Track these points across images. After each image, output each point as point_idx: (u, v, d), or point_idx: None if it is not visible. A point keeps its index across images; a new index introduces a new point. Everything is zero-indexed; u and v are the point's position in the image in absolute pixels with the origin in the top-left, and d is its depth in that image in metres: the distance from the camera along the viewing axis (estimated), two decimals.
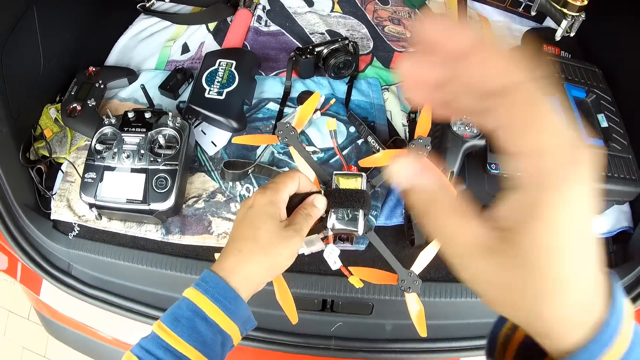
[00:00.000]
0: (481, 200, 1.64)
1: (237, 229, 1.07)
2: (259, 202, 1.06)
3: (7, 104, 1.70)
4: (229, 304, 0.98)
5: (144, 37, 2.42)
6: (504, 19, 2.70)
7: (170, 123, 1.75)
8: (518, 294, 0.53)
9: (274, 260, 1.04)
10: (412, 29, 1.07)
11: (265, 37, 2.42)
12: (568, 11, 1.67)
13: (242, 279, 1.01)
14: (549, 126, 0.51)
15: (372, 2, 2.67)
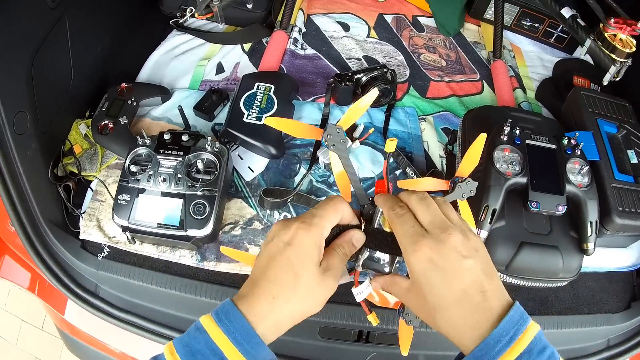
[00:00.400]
0: (519, 237, 1.63)
1: (271, 267, 0.98)
2: (302, 242, 0.98)
3: (36, 118, 1.66)
4: (251, 349, 0.90)
5: (177, 54, 2.39)
6: (536, 49, 2.72)
7: (209, 147, 1.72)
8: (427, 318, 0.97)
9: (309, 308, 0.99)
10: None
11: (302, 60, 2.40)
12: (617, 57, 1.66)
13: (271, 326, 0.95)
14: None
15: (407, 28, 2.67)
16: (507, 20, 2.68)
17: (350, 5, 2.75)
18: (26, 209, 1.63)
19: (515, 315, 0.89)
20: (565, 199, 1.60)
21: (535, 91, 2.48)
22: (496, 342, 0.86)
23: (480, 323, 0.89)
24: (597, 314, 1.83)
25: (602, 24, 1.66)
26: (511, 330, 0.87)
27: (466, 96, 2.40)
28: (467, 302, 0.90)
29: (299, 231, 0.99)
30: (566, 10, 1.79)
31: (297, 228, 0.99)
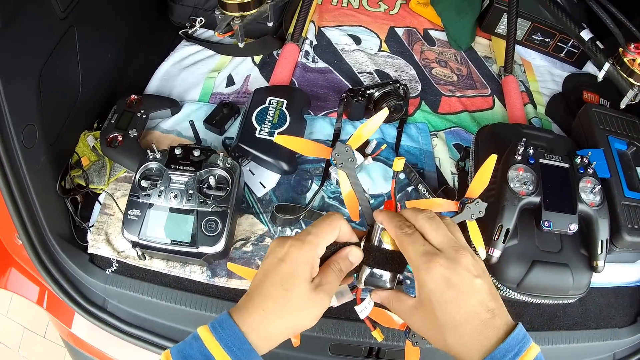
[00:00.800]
0: (531, 255, 1.64)
1: (264, 282, 1.00)
2: (294, 259, 1.00)
3: (45, 131, 1.65)
4: (242, 356, 0.94)
5: (186, 65, 2.39)
6: (547, 64, 2.73)
7: (221, 163, 1.71)
8: (435, 336, 0.98)
9: (300, 323, 1.01)
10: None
11: (313, 74, 2.39)
12: (635, 81, 1.66)
13: (263, 337, 0.97)
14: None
15: (419, 42, 2.67)
16: (519, 35, 2.69)
17: (362, 17, 2.76)
18: (34, 222, 1.62)
19: (519, 334, 0.92)
20: (577, 218, 1.60)
21: (546, 107, 2.48)
22: (502, 357, 0.90)
23: (488, 339, 0.92)
24: (604, 328, 1.84)
25: (622, 49, 1.66)
26: (516, 347, 0.91)
27: (477, 112, 2.40)
28: (477, 319, 0.93)
29: (292, 249, 1.01)
30: (585, 32, 1.79)
31: (290, 245, 1.02)
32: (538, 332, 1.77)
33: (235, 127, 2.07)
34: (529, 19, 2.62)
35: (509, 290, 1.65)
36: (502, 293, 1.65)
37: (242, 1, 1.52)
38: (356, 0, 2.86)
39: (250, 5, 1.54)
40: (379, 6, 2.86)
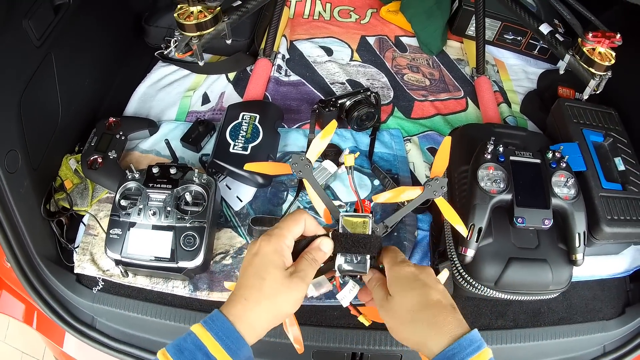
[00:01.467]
0: (507, 253, 1.65)
1: (243, 276, 1.10)
2: (264, 250, 1.10)
3: (27, 156, 1.69)
4: (232, 344, 1.01)
5: (163, 85, 2.42)
6: (520, 62, 2.76)
7: (197, 179, 1.74)
8: (403, 322, 1.08)
9: (279, 308, 1.08)
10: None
11: (286, 87, 2.42)
12: (596, 71, 1.68)
13: (248, 325, 1.05)
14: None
15: (390, 49, 2.70)
16: (490, 35, 2.71)
17: (333, 29, 2.79)
18: (21, 246, 1.65)
19: (478, 333, 1.02)
20: (551, 213, 1.62)
21: (521, 105, 2.51)
22: (468, 345, 0.98)
23: (451, 327, 1.02)
24: (591, 322, 1.84)
25: (581, 39, 1.68)
26: (478, 341, 1.00)
27: (451, 114, 2.43)
28: (443, 309, 1.05)
29: (262, 243, 1.11)
30: (544, 26, 1.81)
31: (260, 241, 1.12)
32: (523, 330, 1.78)
33: (211, 143, 2.09)
34: (498, 19, 2.65)
35: (486, 289, 1.66)
36: (480, 292, 1.67)
37: (198, 21, 1.55)
38: (327, 12, 2.90)
39: (207, 25, 1.57)
40: (350, 16, 2.89)
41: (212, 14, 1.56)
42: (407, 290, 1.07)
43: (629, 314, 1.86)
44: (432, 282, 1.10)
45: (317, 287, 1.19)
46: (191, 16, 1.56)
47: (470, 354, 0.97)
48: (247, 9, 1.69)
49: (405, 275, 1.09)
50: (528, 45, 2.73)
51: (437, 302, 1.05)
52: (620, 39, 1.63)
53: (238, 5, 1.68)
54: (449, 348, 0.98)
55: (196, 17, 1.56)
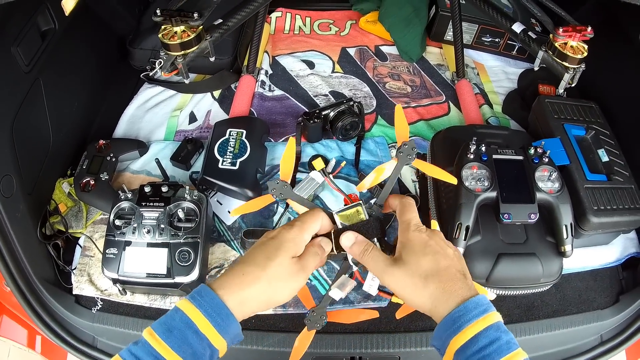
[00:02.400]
0: (496, 249, 1.69)
1: (251, 253, 1.09)
2: (282, 237, 1.09)
3: (22, 180, 1.72)
4: (221, 321, 1.00)
5: (150, 106, 2.45)
6: (500, 63, 2.79)
7: (188, 196, 1.77)
8: (409, 288, 1.06)
9: (275, 293, 1.07)
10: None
11: (271, 102, 2.46)
12: (569, 64, 1.71)
13: (238, 302, 1.02)
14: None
15: (371, 59, 2.74)
16: (468, 39, 2.76)
17: (313, 42, 2.83)
18: (19, 269, 1.67)
19: (486, 298, 1.03)
20: (536, 207, 1.65)
21: (502, 105, 2.54)
22: (474, 308, 0.99)
23: (461, 291, 1.02)
24: (586, 312, 1.86)
25: (552, 35, 1.70)
26: (485, 304, 1.01)
27: (434, 119, 2.46)
28: (451, 273, 1.05)
29: (282, 230, 1.11)
30: (517, 25, 1.84)
31: (281, 228, 1.12)
32: (517, 324, 1.80)
33: (200, 161, 2.13)
34: (475, 22, 2.69)
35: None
36: None
37: (182, 40, 1.58)
38: (307, 26, 2.94)
39: (191, 44, 1.60)
40: (330, 29, 2.94)
41: (195, 33, 1.59)
42: (420, 256, 1.07)
43: (623, 301, 1.88)
44: (443, 247, 1.10)
45: (342, 287, 1.19)
46: (175, 36, 1.59)
47: (476, 317, 0.98)
48: (229, 27, 1.72)
49: (418, 242, 1.09)
50: (506, 46, 2.76)
51: (447, 269, 1.05)
52: (592, 31, 1.65)
53: (219, 23, 1.71)
54: (455, 310, 0.99)
55: (180, 36, 1.59)
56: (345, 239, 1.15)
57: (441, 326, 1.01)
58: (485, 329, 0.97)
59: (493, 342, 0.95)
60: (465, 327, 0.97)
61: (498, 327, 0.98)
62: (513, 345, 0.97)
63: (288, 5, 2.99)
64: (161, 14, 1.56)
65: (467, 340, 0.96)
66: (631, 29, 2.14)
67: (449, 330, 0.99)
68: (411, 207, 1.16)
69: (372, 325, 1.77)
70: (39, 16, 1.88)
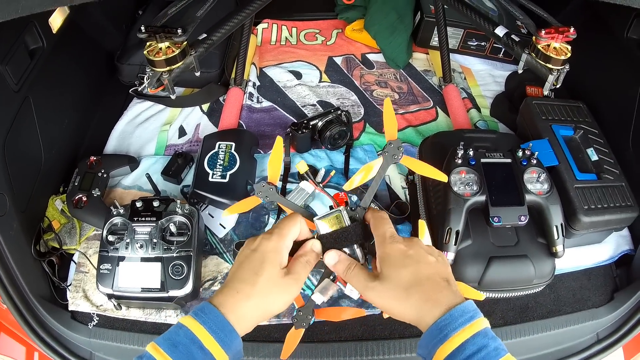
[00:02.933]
0: (487, 253, 1.70)
1: (238, 269, 1.09)
2: (264, 248, 1.09)
3: (15, 198, 1.73)
4: (225, 337, 1.00)
5: (140, 121, 2.46)
6: (486, 67, 2.81)
7: (179, 210, 1.78)
8: (392, 301, 1.05)
9: (270, 306, 1.07)
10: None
11: (259, 113, 2.47)
12: (553, 66, 1.71)
13: (238, 318, 1.03)
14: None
15: (358, 67, 2.75)
16: (454, 44, 2.77)
17: (300, 52, 2.85)
18: (15, 287, 1.68)
19: (473, 304, 1.01)
20: (526, 209, 1.66)
21: (490, 108, 2.55)
22: (459, 316, 0.97)
23: (445, 299, 1.01)
24: (580, 311, 1.87)
25: (535, 37, 1.71)
26: (471, 311, 0.99)
27: (422, 125, 2.47)
28: (433, 282, 1.04)
29: (263, 241, 1.10)
30: (500, 29, 1.84)
31: (261, 239, 1.11)
32: (512, 326, 1.81)
33: (191, 174, 2.14)
34: (461, 27, 2.70)
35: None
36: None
37: (167, 57, 1.58)
38: (294, 37, 2.96)
39: (176, 59, 1.60)
40: (316, 39, 2.95)
41: (179, 49, 1.59)
42: (400, 268, 1.05)
43: (618, 299, 1.89)
44: (423, 255, 1.08)
45: (324, 292, 1.19)
46: (160, 52, 1.59)
47: (463, 324, 0.96)
48: (213, 41, 1.72)
49: (396, 254, 1.07)
50: (492, 50, 2.78)
51: (430, 278, 1.04)
52: (575, 32, 1.66)
53: (204, 38, 1.71)
54: (441, 319, 0.98)
55: (165, 52, 1.59)
56: (328, 257, 1.16)
57: (427, 335, 1.00)
58: (473, 336, 0.96)
59: (481, 350, 0.94)
60: (451, 336, 0.96)
61: (485, 333, 0.97)
62: (502, 351, 0.96)
63: (274, 16, 3.01)
64: (146, 31, 1.57)
65: (454, 349, 0.96)
66: (616, 27, 2.16)
67: (435, 339, 0.98)
68: (384, 220, 1.15)
69: (366, 332, 1.78)
70: (27, 34, 1.90)
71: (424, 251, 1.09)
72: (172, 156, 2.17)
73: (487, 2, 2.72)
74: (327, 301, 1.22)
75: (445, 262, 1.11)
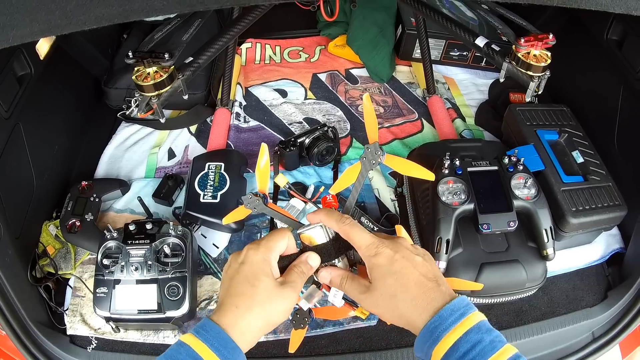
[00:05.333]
0: (478, 259, 1.72)
1: (231, 285, 1.06)
2: (252, 259, 1.07)
3: (8, 225, 1.73)
4: (228, 354, 0.97)
5: (129, 145, 2.47)
6: (469, 76, 2.84)
7: (173, 232, 1.80)
8: (386, 308, 1.05)
9: (271, 316, 1.05)
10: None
11: (247, 133, 2.49)
12: (533, 73, 1.73)
13: (240, 333, 1.01)
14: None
15: (342, 83, 2.78)
16: (436, 55, 2.80)
17: (285, 70, 2.87)
18: (13, 313, 1.68)
19: (464, 300, 1.00)
20: (514, 215, 1.69)
21: (475, 117, 2.58)
22: (449, 315, 0.96)
23: (434, 301, 1.00)
24: (575, 311, 1.89)
25: (515, 46, 1.73)
26: (462, 308, 0.98)
27: (408, 137, 2.50)
28: (422, 286, 1.02)
29: (249, 251, 1.09)
30: (480, 39, 1.85)
31: (247, 249, 1.10)
32: (507, 330, 1.82)
33: (182, 196, 2.16)
34: (442, 38, 2.74)
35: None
36: None
37: (155, 81, 1.59)
38: (277, 55, 2.98)
39: (164, 84, 1.61)
40: (299, 56, 2.98)
41: (167, 73, 1.60)
42: (386, 277, 1.04)
43: (612, 297, 1.91)
44: (409, 258, 1.06)
45: (309, 298, 1.20)
46: (148, 77, 1.61)
47: (453, 323, 0.95)
48: (199, 64, 1.74)
49: (381, 262, 1.05)
50: (475, 59, 2.81)
51: (417, 281, 1.02)
52: (554, 38, 1.67)
53: (190, 61, 1.72)
54: (431, 321, 0.97)
55: (153, 77, 1.60)
56: (322, 277, 1.17)
57: (420, 339, 1.00)
58: (465, 333, 0.95)
59: (475, 346, 0.93)
60: (443, 336, 0.95)
61: (479, 328, 0.96)
62: (498, 343, 0.94)
63: (257, 35, 3.03)
64: (133, 56, 1.59)
65: (447, 349, 0.95)
66: (596, 30, 2.20)
67: (428, 342, 0.97)
68: (353, 230, 1.10)
69: (364, 344, 1.79)
70: (15, 61, 1.92)
71: (410, 252, 1.07)
72: (163, 178, 2.19)
73: (468, 12, 2.75)
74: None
75: (431, 259, 1.10)
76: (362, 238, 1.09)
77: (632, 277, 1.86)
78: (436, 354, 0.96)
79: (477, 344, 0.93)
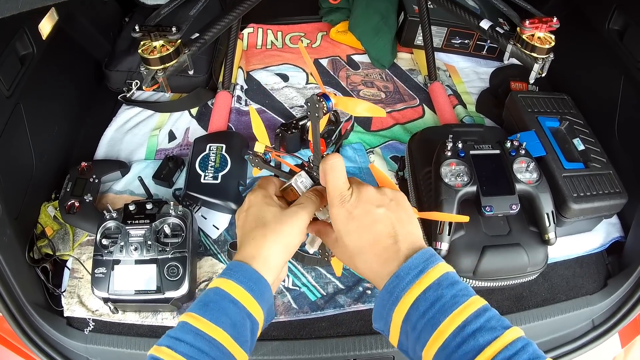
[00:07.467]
0: (480, 242, 1.71)
1: (244, 226, 1.10)
2: (255, 200, 1.12)
3: (6, 205, 1.72)
4: (254, 286, 1.00)
5: (129, 127, 2.46)
6: (470, 64, 2.83)
7: (173, 212, 1.79)
8: (349, 263, 1.06)
9: (286, 239, 1.06)
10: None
11: (248, 116, 2.48)
12: (537, 55, 1.73)
13: (262, 261, 1.03)
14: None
15: (343, 68, 2.77)
16: (438, 42, 2.80)
17: (286, 56, 2.86)
18: (10, 294, 1.67)
19: (424, 254, 0.95)
20: (517, 198, 1.68)
21: (475, 104, 2.58)
22: (405, 274, 0.92)
23: (389, 262, 0.96)
24: (575, 298, 1.89)
25: (519, 28, 1.72)
26: (420, 265, 0.92)
27: (409, 122, 2.50)
28: (379, 245, 0.98)
29: (249, 197, 1.14)
30: (484, 22, 1.85)
31: (248, 196, 1.15)
32: (508, 315, 1.81)
33: (182, 178, 2.15)
34: (444, 25, 2.73)
35: (466, 280, 1.71)
36: None
37: (162, 55, 1.59)
38: (279, 40, 2.97)
39: (170, 57, 1.61)
40: (301, 42, 2.97)
41: (173, 47, 1.60)
42: (343, 235, 1.02)
43: (611, 285, 1.91)
44: (370, 212, 1.00)
45: (312, 243, 1.22)
46: (154, 50, 1.60)
47: (412, 282, 0.92)
48: (205, 40, 1.73)
49: (342, 217, 1.01)
50: (476, 47, 2.80)
51: (377, 237, 0.98)
52: (558, 21, 1.67)
53: (196, 37, 1.72)
54: (388, 282, 0.94)
55: (159, 51, 1.60)
56: (308, 244, 1.23)
57: (379, 303, 0.97)
58: (424, 291, 0.90)
59: (434, 303, 0.88)
60: (402, 296, 0.91)
61: (439, 284, 0.91)
62: (461, 297, 0.89)
63: (259, 20, 3.02)
64: (140, 30, 1.58)
65: (407, 310, 0.91)
66: (597, 20, 2.19)
67: (387, 305, 0.94)
68: (333, 173, 1.05)
69: (364, 328, 1.79)
70: (18, 41, 1.91)
71: (371, 205, 1.01)
72: (163, 160, 2.18)
73: (469, 0, 2.74)
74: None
75: (398, 205, 1.03)
76: (334, 185, 1.05)
77: (631, 266, 1.86)
78: (396, 318, 0.93)
79: (437, 301, 0.89)
